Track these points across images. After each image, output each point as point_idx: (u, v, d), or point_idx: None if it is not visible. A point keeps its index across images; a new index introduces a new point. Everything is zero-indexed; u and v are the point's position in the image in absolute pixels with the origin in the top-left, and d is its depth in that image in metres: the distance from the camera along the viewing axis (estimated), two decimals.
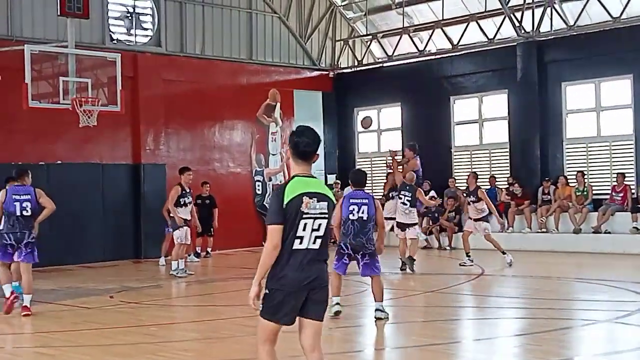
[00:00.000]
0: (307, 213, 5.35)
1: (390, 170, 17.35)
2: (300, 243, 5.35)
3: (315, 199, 5.40)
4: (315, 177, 5.54)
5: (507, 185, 20.97)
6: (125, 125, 20.11)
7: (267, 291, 5.46)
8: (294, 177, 5.49)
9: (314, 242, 5.38)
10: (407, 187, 15.77)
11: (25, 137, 18.48)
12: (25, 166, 17.90)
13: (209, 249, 20.21)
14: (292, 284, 5.37)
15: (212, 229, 19.73)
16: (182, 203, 15.60)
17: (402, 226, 15.80)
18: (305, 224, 5.35)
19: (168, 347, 9.06)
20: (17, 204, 11.51)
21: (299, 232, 5.34)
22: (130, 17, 21.03)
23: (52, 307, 12.45)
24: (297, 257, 5.36)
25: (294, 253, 5.35)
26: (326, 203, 5.46)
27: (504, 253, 16.30)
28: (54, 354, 8.74)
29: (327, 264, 5.56)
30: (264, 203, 23.49)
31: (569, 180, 20.04)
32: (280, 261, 5.37)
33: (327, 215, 5.45)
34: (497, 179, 21.42)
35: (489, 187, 21.19)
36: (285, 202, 5.34)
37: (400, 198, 15.82)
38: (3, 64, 17.58)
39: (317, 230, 5.39)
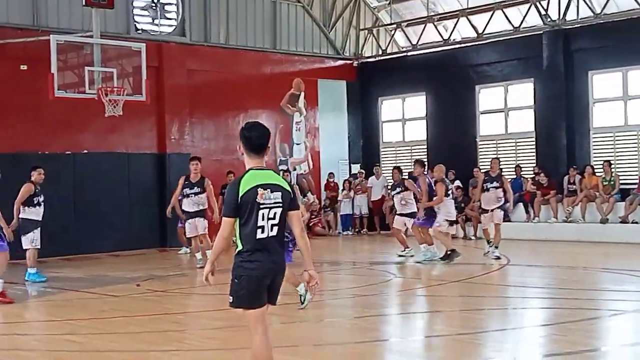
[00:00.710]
0: (263, 203, 5.62)
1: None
2: (262, 232, 5.63)
3: (269, 189, 5.65)
4: (269, 170, 5.81)
5: (533, 175, 20.83)
6: (150, 115, 20.20)
7: (235, 280, 5.71)
8: (248, 170, 5.74)
9: (271, 230, 5.66)
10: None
11: (51, 127, 18.63)
12: (52, 156, 18.25)
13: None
14: (262, 270, 5.65)
15: None
16: (185, 194, 15.11)
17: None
18: (263, 214, 5.62)
19: (194, 335, 9.12)
20: None
21: (260, 222, 5.62)
22: (154, 7, 21.08)
23: (80, 294, 12.57)
24: (262, 245, 5.65)
25: (259, 242, 5.64)
26: (280, 193, 5.70)
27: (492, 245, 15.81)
28: (81, 341, 8.82)
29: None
30: None
31: (595, 170, 19.86)
32: (248, 250, 5.66)
33: (281, 204, 5.69)
34: (522, 169, 21.29)
35: (514, 176, 21.09)
36: (240, 195, 5.60)
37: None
38: (29, 54, 17.74)
39: (273, 218, 5.65)
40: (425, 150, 23.92)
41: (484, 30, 22.48)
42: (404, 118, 24.86)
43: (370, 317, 10.13)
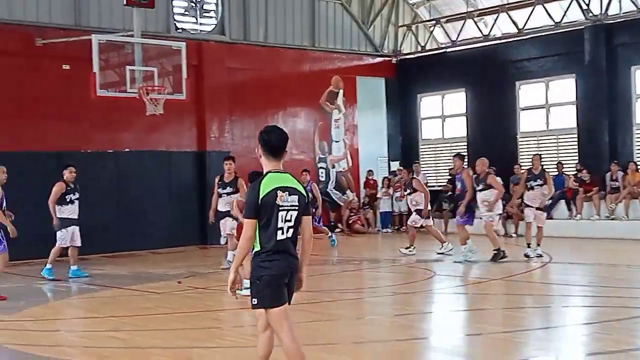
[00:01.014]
0: (282, 206, 5.76)
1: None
2: (282, 234, 5.78)
3: (287, 192, 5.78)
4: (287, 173, 5.89)
5: (575, 172, 20.60)
6: (190, 113, 20.35)
7: (257, 281, 5.82)
8: (267, 173, 5.84)
9: (288, 232, 5.80)
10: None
11: (93, 126, 18.86)
12: (94, 154, 18.51)
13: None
14: (280, 269, 5.80)
15: None
16: (219, 194, 14.95)
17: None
18: (282, 216, 5.77)
19: (235, 332, 9.17)
20: None
21: (279, 224, 5.76)
22: (195, 6, 21.23)
23: (122, 292, 12.71)
24: (281, 246, 5.79)
25: (278, 243, 5.78)
26: (297, 196, 5.82)
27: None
28: (124, 337, 8.92)
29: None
30: (328, 190, 23.55)
31: (639, 166, 19.57)
32: (267, 251, 5.78)
33: (297, 208, 5.82)
34: (564, 166, 21.06)
35: (556, 173, 20.86)
36: (260, 197, 5.72)
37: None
38: (71, 54, 17.97)
39: (290, 221, 5.79)
40: (465, 147, 23.76)
41: (524, 26, 22.26)
42: (444, 115, 24.74)
43: (410, 315, 10.10)
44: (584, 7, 20.62)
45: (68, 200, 14.17)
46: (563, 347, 8.30)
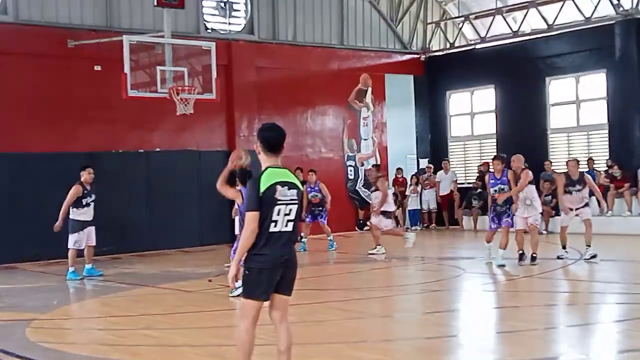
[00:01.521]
0: (280, 200, 5.95)
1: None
2: (275, 226, 5.96)
3: (287, 187, 5.99)
4: (285, 168, 6.10)
5: (606, 168, 20.43)
6: (220, 113, 20.48)
7: (246, 272, 6.06)
8: (266, 168, 6.02)
9: (286, 225, 6.01)
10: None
11: (124, 126, 19.05)
12: (125, 154, 18.70)
13: (302, 234, 20.39)
14: (271, 262, 5.96)
15: (303, 214, 19.89)
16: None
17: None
18: (279, 210, 5.95)
19: (266, 330, 9.16)
20: None
21: (274, 217, 5.94)
22: (224, 6, 21.35)
23: (154, 290, 12.84)
24: (273, 238, 5.96)
25: (271, 235, 5.95)
26: (296, 191, 6.04)
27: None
28: (157, 335, 9.03)
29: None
30: (357, 188, 23.58)
31: None
32: (259, 243, 5.95)
33: (297, 201, 6.04)
34: (595, 162, 20.89)
35: (587, 169, 20.69)
36: (261, 191, 5.92)
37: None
38: (103, 54, 18.17)
39: (289, 214, 6.00)
40: (495, 144, 23.66)
41: (554, 21, 22.11)
42: (473, 112, 24.64)
43: (440, 313, 10.10)
44: (615, 1, 20.43)
45: (84, 203, 14.21)
46: (595, 344, 8.27)
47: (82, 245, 14.28)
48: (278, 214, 5.93)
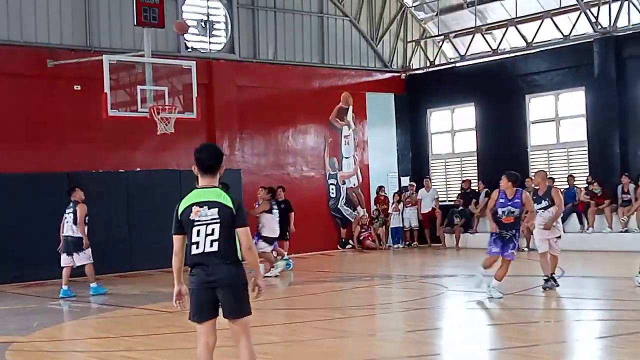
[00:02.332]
0: (198, 220, 5.95)
1: None
2: (197, 248, 5.96)
3: (206, 207, 5.96)
4: (214, 187, 6.07)
5: (586, 185, 20.54)
6: (200, 132, 20.41)
7: (189, 290, 6.17)
8: (191, 190, 6.12)
9: (211, 245, 5.95)
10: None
11: (104, 146, 18.97)
12: (106, 174, 18.62)
13: (285, 253, 20.33)
14: (197, 283, 6.02)
15: (288, 233, 19.84)
16: None
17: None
18: (199, 230, 5.95)
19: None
20: None
21: (194, 239, 5.96)
22: (204, 25, 21.36)
23: (136, 311, 12.73)
24: (198, 260, 5.98)
25: (194, 257, 5.99)
26: (217, 209, 5.96)
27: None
28: (138, 357, 8.94)
29: (240, 264, 6.06)
30: (338, 206, 23.58)
31: None
32: (190, 265, 6.05)
33: (219, 220, 5.95)
34: (575, 178, 21.01)
35: (567, 186, 20.83)
36: (179, 214, 6.06)
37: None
38: (83, 74, 18.13)
39: (212, 234, 5.94)
40: (476, 161, 23.77)
41: (533, 39, 22.30)
42: (453, 129, 24.74)
43: (423, 331, 10.07)
44: (593, 20, 20.64)
45: (86, 221, 14.69)
46: None
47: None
48: (198, 235, 5.92)
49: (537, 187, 13.48)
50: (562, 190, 20.88)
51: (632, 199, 19.49)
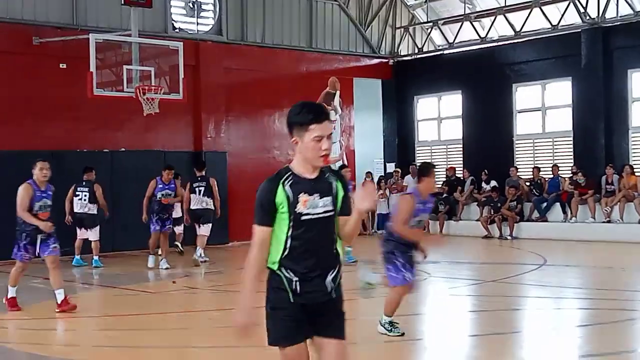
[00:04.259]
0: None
1: None
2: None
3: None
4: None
5: (571, 175, 20.63)
6: (186, 113, 20.34)
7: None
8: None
9: None
10: None
11: (89, 125, 18.85)
12: (90, 153, 18.51)
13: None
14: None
15: None
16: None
17: None
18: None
19: (230, 332, 9.14)
20: None
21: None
22: (192, 6, 21.23)
23: (117, 291, 12.71)
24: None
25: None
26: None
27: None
28: (119, 337, 8.94)
29: None
30: None
31: (635, 170, 19.61)
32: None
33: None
34: (560, 168, 21.10)
35: (552, 176, 20.92)
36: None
37: None
38: (68, 53, 17.98)
39: None
40: (461, 149, 23.82)
41: (521, 29, 22.30)
42: (440, 117, 24.76)
43: (404, 316, 10.09)
44: (581, 10, 20.66)
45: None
46: (556, 348, 8.32)
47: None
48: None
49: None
50: (546, 179, 21.10)
51: (615, 190, 19.60)
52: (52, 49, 18.09)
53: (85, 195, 16.19)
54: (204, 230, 16.12)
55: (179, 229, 17.91)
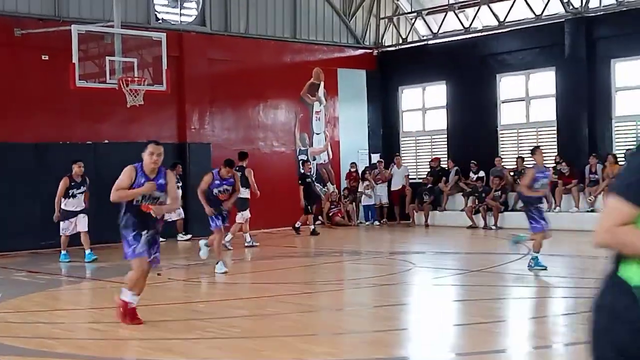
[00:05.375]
0: None
1: None
2: None
3: None
4: None
5: (555, 164, 20.70)
6: (170, 105, 20.26)
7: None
8: None
9: None
10: None
11: (72, 117, 18.74)
12: (73, 145, 18.40)
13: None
14: None
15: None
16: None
17: None
18: None
19: (215, 324, 9.15)
20: None
21: None
22: None
23: (102, 283, 12.67)
24: None
25: None
26: None
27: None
28: (105, 329, 8.90)
29: None
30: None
31: (618, 159, 19.70)
32: None
33: None
34: (544, 158, 21.13)
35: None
36: None
37: None
38: (50, 44, 17.86)
39: None
40: (446, 139, 23.86)
41: (505, 19, 22.33)
42: (424, 107, 24.78)
43: (390, 306, 10.13)
44: (565, 0, 20.71)
45: (70, 194, 15.32)
46: (542, 337, 8.35)
47: (67, 232, 15.53)
48: None
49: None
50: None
51: (599, 179, 19.70)
52: (34, 40, 17.96)
53: (81, 195, 15.61)
54: (243, 216, 17.16)
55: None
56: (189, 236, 19.54)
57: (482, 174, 21.71)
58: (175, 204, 9.88)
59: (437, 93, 24.32)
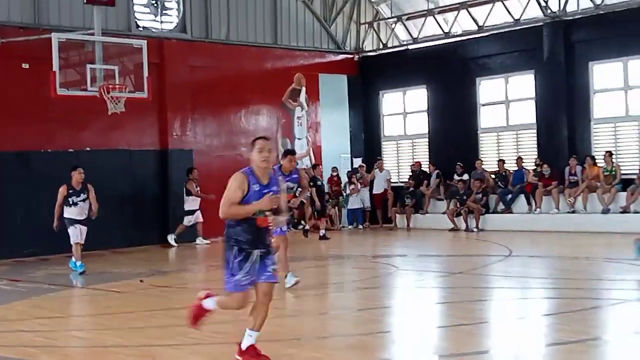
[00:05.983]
0: None
1: None
2: None
3: None
4: None
5: (535, 166, 20.87)
6: (152, 112, 20.24)
7: None
8: None
9: None
10: None
11: (53, 125, 18.69)
12: (55, 153, 18.33)
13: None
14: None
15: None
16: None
17: None
18: None
19: (198, 330, 9.15)
20: None
21: None
22: (155, 4, 21.12)
23: (85, 291, 12.65)
24: None
25: None
26: None
27: None
28: (87, 337, 8.89)
29: None
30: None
31: (596, 161, 19.89)
32: None
33: None
34: (524, 160, 21.33)
35: (516, 168, 21.15)
36: None
37: None
38: (31, 52, 17.81)
39: None
40: (427, 143, 23.97)
41: (484, 23, 22.49)
42: (405, 111, 24.89)
43: (374, 310, 10.18)
44: (543, 4, 20.88)
45: (71, 202, 14.56)
46: (523, 338, 8.43)
47: (77, 239, 14.69)
48: None
49: None
50: (511, 172, 21.32)
51: (578, 181, 19.87)
52: (15, 48, 17.89)
53: (83, 203, 14.83)
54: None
55: (189, 220, 19.12)
56: (207, 241, 19.56)
57: (466, 177, 21.84)
58: (287, 214, 8.43)
59: (417, 97, 24.44)
